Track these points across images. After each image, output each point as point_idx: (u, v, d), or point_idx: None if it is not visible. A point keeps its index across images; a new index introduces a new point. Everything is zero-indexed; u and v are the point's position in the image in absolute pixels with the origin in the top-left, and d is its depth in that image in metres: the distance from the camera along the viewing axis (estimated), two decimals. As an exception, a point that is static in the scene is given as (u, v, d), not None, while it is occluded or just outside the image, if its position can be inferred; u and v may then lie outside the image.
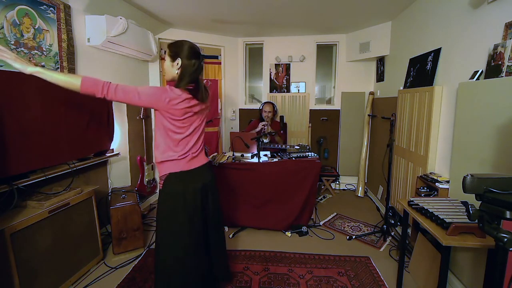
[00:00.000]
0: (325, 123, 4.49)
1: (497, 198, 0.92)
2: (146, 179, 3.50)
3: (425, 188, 2.28)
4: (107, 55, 2.86)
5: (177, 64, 1.44)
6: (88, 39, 2.55)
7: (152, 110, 3.26)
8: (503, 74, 1.60)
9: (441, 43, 2.34)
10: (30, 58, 2.01)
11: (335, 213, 3.43)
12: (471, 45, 1.96)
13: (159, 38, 3.85)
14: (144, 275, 2.20)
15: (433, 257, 1.95)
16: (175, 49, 1.45)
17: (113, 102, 2.70)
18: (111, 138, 2.71)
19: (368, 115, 4.12)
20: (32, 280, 1.72)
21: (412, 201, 1.81)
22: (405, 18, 3.14)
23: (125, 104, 3.20)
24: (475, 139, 1.77)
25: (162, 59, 3.90)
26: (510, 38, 1.60)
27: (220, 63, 4.42)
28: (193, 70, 1.44)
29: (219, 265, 1.73)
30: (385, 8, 3.09)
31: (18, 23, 1.93)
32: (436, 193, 2.14)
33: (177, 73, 1.45)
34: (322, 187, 4.20)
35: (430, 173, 2.32)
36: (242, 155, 3.17)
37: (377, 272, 2.24)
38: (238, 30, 4.08)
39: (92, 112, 2.39)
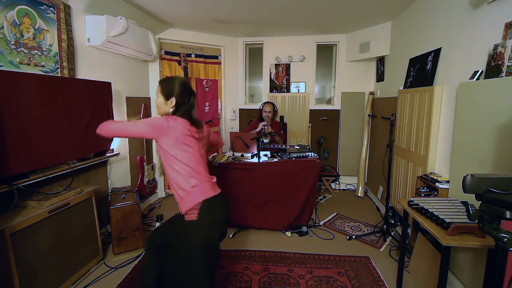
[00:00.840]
0: (325, 123, 4.49)
1: (497, 198, 0.92)
2: (146, 179, 3.50)
3: (425, 188, 2.28)
4: (107, 55, 2.86)
5: (171, 102, 1.49)
6: (88, 39, 2.55)
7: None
8: (503, 74, 1.60)
9: (441, 43, 2.34)
10: (30, 58, 2.01)
11: (335, 213, 3.43)
12: (471, 45, 1.96)
13: (159, 38, 3.85)
14: (144, 275, 2.19)
15: (433, 257, 1.95)
16: (169, 88, 1.50)
17: (113, 102, 2.70)
18: (111, 138, 2.71)
19: (368, 115, 4.12)
20: (32, 280, 1.72)
21: (412, 201, 1.80)
22: (405, 18, 3.14)
23: (125, 104, 3.20)
24: (475, 139, 1.77)
25: (162, 59, 3.90)
26: (510, 38, 1.60)
27: (220, 63, 4.42)
28: (187, 107, 1.50)
29: None
30: (385, 8, 3.09)
31: (18, 23, 1.93)
32: (436, 193, 2.14)
33: (171, 111, 1.50)
34: (322, 187, 4.20)
35: (430, 173, 2.32)
36: (242, 155, 3.17)
37: (377, 272, 2.24)
38: (238, 30, 4.08)
39: (92, 112, 2.39)
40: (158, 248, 1.57)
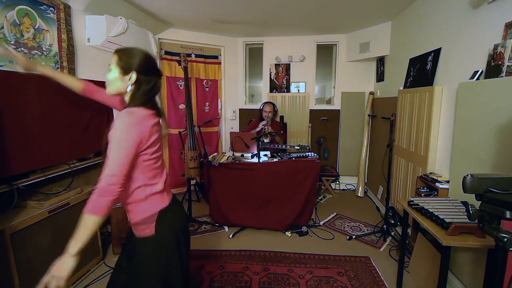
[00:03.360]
0: (325, 123, 4.49)
1: (497, 198, 0.92)
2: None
3: (425, 188, 2.28)
4: (107, 55, 2.85)
5: (129, 79, 1.12)
6: (88, 39, 2.55)
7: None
8: (503, 74, 1.60)
9: (441, 43, 2.34)
10: (30, 58, 2.01)
11: (335, 213, 3.43)
12: (471, 45, 1.96)
13: (159, 38, 3.85)
14: (144, 275, 2.19)
15: (433, 257, 1.95)
16: (128, 59, 1.12)
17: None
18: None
19: (368, 115, 4.12)
20: (32, 280, 1.72)
21: (412, 201, 1.81)
22: (405, 18, 3.14)
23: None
24: (475, 139, 1.77)
25: (162, 59, 3.90)
26: (510, 38, 1.60)
27: (220, 63, 4.42)
28: (149, 88, 1.14)
29: None
30: (385, 8, 3.09)
31: (18, 23, 1.93)
32: (436, 193, 2.14)
33: (130, 89, 1.13)
34: (322, 187, 4.20)
35: (430, 173, 2.32)
36: (242, 155, 3.16)
37: (377, 272, 2.24)
38: (238, 30, 4.08)
39: (92, 112, 2.39)
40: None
